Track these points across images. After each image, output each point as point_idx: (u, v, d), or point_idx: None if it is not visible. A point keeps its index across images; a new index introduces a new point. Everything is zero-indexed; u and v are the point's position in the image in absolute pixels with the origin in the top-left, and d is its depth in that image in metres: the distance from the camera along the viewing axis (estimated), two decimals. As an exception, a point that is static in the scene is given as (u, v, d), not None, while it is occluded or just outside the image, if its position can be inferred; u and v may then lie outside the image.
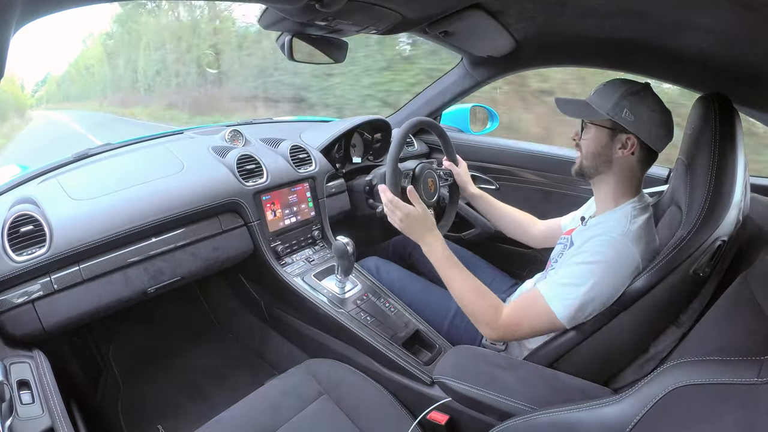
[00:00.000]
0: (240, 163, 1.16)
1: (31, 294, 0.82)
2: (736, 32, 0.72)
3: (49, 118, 17.30)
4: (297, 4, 0.76)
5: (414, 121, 1.07)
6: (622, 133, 0.83)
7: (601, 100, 0.83)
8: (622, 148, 0.83)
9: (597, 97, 0.85)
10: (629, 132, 0.82)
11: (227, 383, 1.29)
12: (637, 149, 0.83)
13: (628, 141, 0.83)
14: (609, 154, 0.85)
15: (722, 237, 0.72)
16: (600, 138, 0.85)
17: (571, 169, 0.92)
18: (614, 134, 0.83)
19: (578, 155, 0.91)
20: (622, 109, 0.81)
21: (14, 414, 0.62)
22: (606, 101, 0.82)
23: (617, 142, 0.83)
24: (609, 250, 0.78)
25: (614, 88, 0.83)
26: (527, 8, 0.91)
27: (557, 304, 0.79)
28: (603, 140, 0.84)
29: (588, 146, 0.87)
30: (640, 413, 0.47)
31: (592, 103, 0.84)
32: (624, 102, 0.81)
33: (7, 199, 0.93)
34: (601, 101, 0.83)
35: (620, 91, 0.82)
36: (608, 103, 0.82)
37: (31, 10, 0.52)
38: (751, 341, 0.51)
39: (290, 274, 1.17)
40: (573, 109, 0.89)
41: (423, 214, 0.94)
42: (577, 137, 0.91)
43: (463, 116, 1.72)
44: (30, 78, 38.57)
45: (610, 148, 0.84)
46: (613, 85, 0.84)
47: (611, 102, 0.82)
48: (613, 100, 0.82)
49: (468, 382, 0.81)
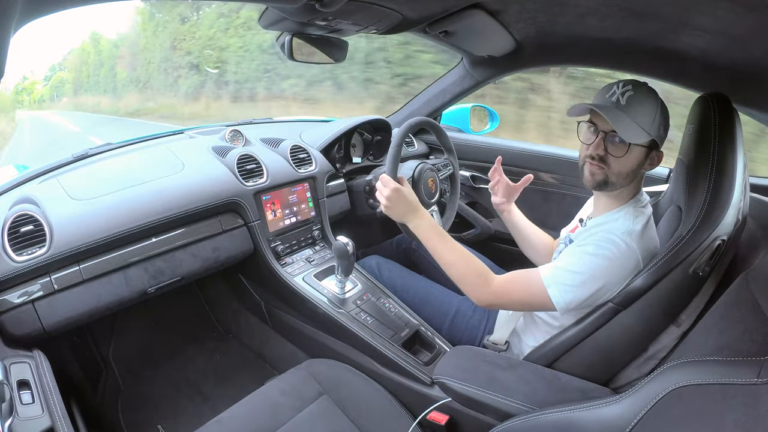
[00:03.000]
0: (240, 163, 1.16)
1: (31, 294, 0.82)
2: (736, 32, 0.72)
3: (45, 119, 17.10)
4: (297, 3, 0.76)
5: (414, 121, 1.07)
6: (654, 149, 0.81)
7: (643, 116, 0.77)
8: (651, 163, 0.82)
9: (638, 111, 0.77)
10: (660, 149, 0.81)
11: (227, 383, 1.29)
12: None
13: (656, 156, 0.81)
14: (639, 170, 0.82)
15: (721, 236, 0.72)
16: (639, 157, 0.80)
17: (586, 178, 0.84)
18: (650, 152, 0.80)
19: (601, 168, 0.81)
20: (659, 126, 0.78)
21: (14, 414, 0.62)
22: (648, 119, 0.77)
23: (649, 159, 0.81)
24: (612, 247, 0.78)
25: (651, 103, 0.77)
26: (527, 8, 0.91)
27: (554, 288, 0.79)
28: (640, 159, 0.80)
29: (624, 165, 0.80)
30: (640, 413, 0.47)
31: (638, 123, 0.77)
32: (660, 118, 0.78)
33: (7, 199, 0.93)
34: (642, 118, 0.77)
35: (657, 107, 0.77)
36: (651, 121, 0.77)
37: (31, 9, 0.52)
38: (751, 341, 0.51)
39: (290, 274, 1.17)
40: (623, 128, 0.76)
41: (411, 193, 0.94)
42: (602, 150, 0.80)
43: (463, 116, 1.72)
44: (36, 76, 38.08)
45: (642, 165, 0.81)
46: (648, 98, 0.77)
47: (652, 118, 0.77)
48: (653, 116, 0.77)
49: (468, 382, 0.81)
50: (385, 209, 0.95)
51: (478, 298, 0.86)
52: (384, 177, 0.95)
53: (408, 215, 0.93)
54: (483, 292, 0.85)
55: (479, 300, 0.86)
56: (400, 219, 0.95)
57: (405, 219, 0.94)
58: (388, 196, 0.93)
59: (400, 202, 0.93)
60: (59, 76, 31.87)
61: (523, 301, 0.84)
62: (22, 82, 36.11)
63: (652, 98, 0.78)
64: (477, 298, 0.86)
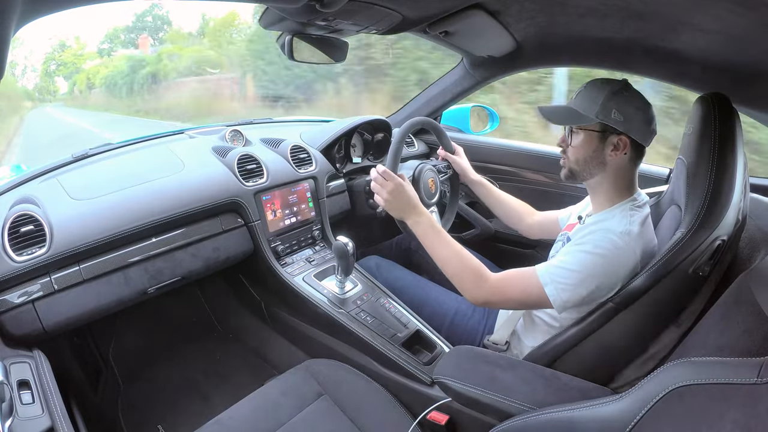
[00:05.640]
0: (240, 163, 1.16)
1: (31, 294, 0.82)
2: (736, 32, 0.72)
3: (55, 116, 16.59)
4: (297, 4, 0.76)
5: (414, 121, 1.07)
6: (612, 134, 0.82)
7: (586, 104, 0.82)
8: (615, 149, 0.82)
9: (581, 101, 0.83)
10: (620, 133, 0.81)
11: (227, 383, 1.29)
12: (629, 149, 0.82)
13: (620, 142, 0.82)
14: (601, 157, 0.84)
15: (722, 237, 0.72)
16: (590, 142, 0.84)
17: (560, 173, 0.91)
18: (605, 137, 0.82)
19: (564, 160, 0.89)
20: (610, 110, 0.80)
21: (14, 414, 0.62)
22: (592, 104, 0.81)
23: (609, 144, 0.83)
24: (610, 246, 0.78)
25: (597, 89, 0.82)
26: (527, 8, 0.91)
27: (551, 286, 0.79)
28: (594, 144, 0.83)
29: (578, 152, 0.85)
30: (640, 413, 0.47)
31: (578, 107, 0.83)
32: (610, 103, 0.80)
33: (7, 199, 0.93)
34: (586, 105, 0.82)
35: (605, 92, 0.81)
36: (595, 106, 0.81)
37: (31, 9, 0.52)
38: (751, 341, 0.51)
39: (290, 274, 1.17)
40: (560, 116, 0.88)
41: (412, 190, 0.95)
42: (565, 143, 0.89)
43: (463, 116, 1.72)
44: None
45: (602, 151, 0.83)
46: (595, 86, 0.82)
47: (597, 104, 0.80)
48: (600, 102, 0.80)
49: (468, 382, 0.81)
50: (385, 203, 0.95)
51: (473, 297, 0.86)
52: (386, 171, 0.95)
53: (407, 211, 0.94)
54: (478, 290, 0.85)
55: (474, 299, 0.86)
56: (398, 214, 0.95)
57: (404, 215, 0.94)
58: (390, 190, 0.93)
59: (402, 198, 0.93)
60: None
61: (520, 300, 0.84)
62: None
63: (600, 86, 0.82)
64: (472, 297, 0.86)
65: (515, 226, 1.22)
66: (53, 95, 28.02)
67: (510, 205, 1.22)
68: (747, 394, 0.41)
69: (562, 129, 0.90)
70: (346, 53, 1.10)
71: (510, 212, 1.22)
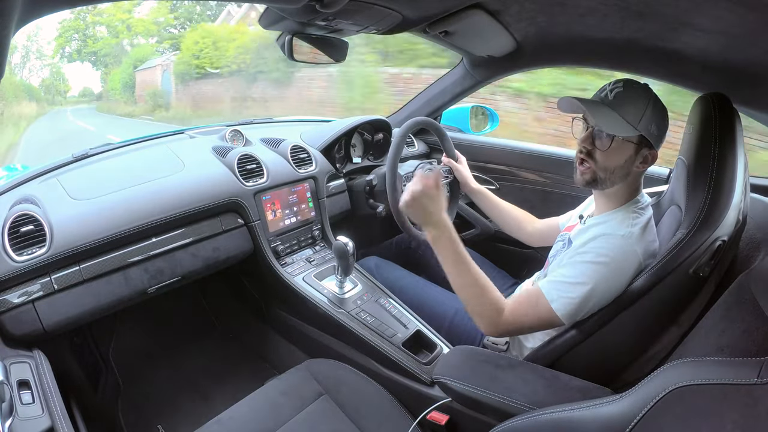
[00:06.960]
0: (240, 163, 1.16)
1: (31, 294, 0.82)
2: (736, 32, 0.72)
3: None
4: (297, 4, 0.76)
5: (414, 121, 1.07)
6: (645, 147, 0.79)
7: (631, 112, 0.77)
8: (643, 162, 0.80)
9: (626, 106, 0.77)
10: (653, 148, 0.80)
11: (227, 383, 1.29)
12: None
13: (650, 156, 0.80)
14: (629, 168, 0.81)
15: (722, 237, 0.72)
16: (626, 152, 0.79)
17: (577, 177, 0.86)
18: (639, 149, 0.79)
19: (588, 164, 0.82)
20: (650, 123, 0.77)
21: (14, 414, 0.62)
22: (636, 113, 0.77)
23: (640, 156, 0.80)
24: (613, 251, 0.78)
25: (639, 96, 0.78)
26: (527, 8, 0.91)
27: (558, 302, 0.79)
28: (628, 154, 0.79)
29: (611, 159, 0.80)
30: (640, 412, 0.47)
31: (623, 114, 0.77)
32: (651, 114, 0.77)
33: (7, 199, 0.93)
34: (631, 112, 0.77)
35: (648, 102, 0.77)
36: (638, 116, 0.77)
37: (31, 9, 0.52)
38: (751, 341, 0.51)
39: (290, 274, 1.17)
40: (606, 121, 0.78)
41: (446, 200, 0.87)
42: (589, 144, 0.81)
43: (463, 116, 1.72)
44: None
45: (632, 163, 0.80)
46: (636, 92, 0.78)
47: (640, 114, 0.76)
48: (643, 112, 0.76)
49: (468, 382, 0.81)
50: (411, 203, 0.84)
51: (489, 332, 0.85)
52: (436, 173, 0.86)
53: (432, 221, 0.84)
54: (495, 328, 0.83)
55: (490, 333, 0.86)
56: (422, 222, 0.86)
57: (428, 224, 0.85)
58: (430, 195, 0.83)
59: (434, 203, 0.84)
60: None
61: (533, 326, 0.84)
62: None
63: (643, 95, 0.78)
64: (488, 332, 0.85)
65: (515, 234, 1.22)
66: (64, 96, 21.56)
67: (510, 214, 1.21)
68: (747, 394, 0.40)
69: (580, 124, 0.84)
70: (346, 53, 1.10)
71: (510, 221, 1.21)
